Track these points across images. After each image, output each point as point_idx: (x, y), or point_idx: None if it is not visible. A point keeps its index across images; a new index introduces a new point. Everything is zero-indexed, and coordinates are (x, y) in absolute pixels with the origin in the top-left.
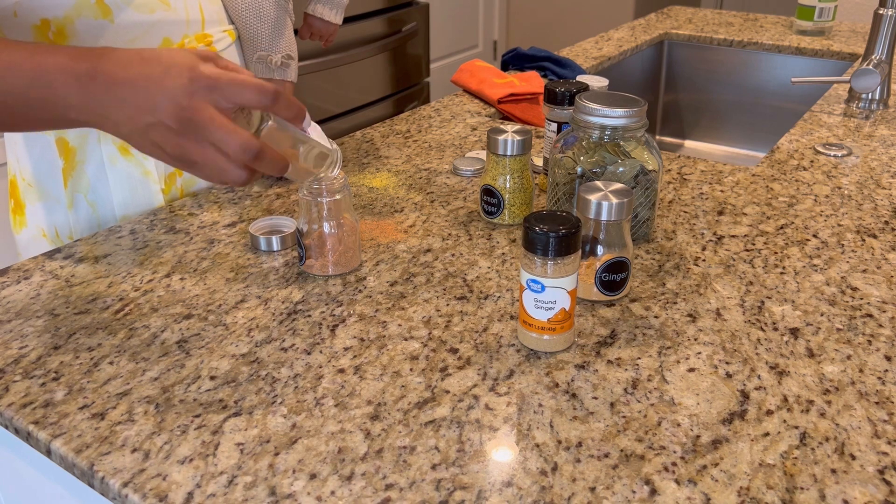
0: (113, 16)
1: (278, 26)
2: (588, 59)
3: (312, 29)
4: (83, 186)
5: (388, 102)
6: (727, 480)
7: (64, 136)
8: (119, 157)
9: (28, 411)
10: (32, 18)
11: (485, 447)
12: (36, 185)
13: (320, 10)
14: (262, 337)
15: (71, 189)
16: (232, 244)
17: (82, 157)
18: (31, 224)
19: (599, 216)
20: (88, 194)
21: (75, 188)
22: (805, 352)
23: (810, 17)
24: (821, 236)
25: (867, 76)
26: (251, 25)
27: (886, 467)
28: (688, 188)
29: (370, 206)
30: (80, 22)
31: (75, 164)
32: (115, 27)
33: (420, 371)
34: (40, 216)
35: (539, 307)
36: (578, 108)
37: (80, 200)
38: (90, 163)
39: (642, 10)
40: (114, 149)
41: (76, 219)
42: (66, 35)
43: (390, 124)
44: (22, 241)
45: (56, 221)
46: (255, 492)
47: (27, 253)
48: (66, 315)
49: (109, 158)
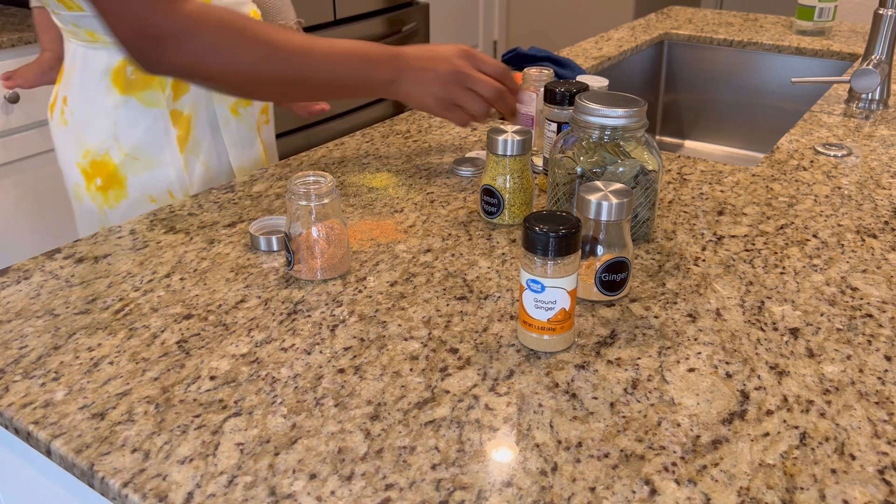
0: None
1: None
2: (588, 59)
3: None
4: (197, 149)
5: (388, 102)
6: (727, 480)
7: (178, 108)
8: (231, 117)
9: (28, 411)
10: None
11: (485, 447)
12: (144, 157)
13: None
14: (262, 337)
15: (186, 153)
16: (232, 244)
17: (195, 125)
18: (135, 195)
19: (599, 216)
20: (200, 155)
21: (190, 151)
22: (805, 352)
23: (810, 17)
24: (821, 236)
25: (867, 76)
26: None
27: (886, 467)
28: (688, 188)
29: (370, 206)
30: None
31: (189, 131)
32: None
33: (420, 371)
34: (149, 184)
35: (539, 307)
36: (578, 108)
37: (193, 162)
38: (200, 128)
39: (642, 10)
40: (227, 111)
41: (191, 179)
42: None
43: (390, 124)
44: (117, 214)
45: (171, 185)
46: (255, 492)
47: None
48: (66, 315)
49: (223, 120)
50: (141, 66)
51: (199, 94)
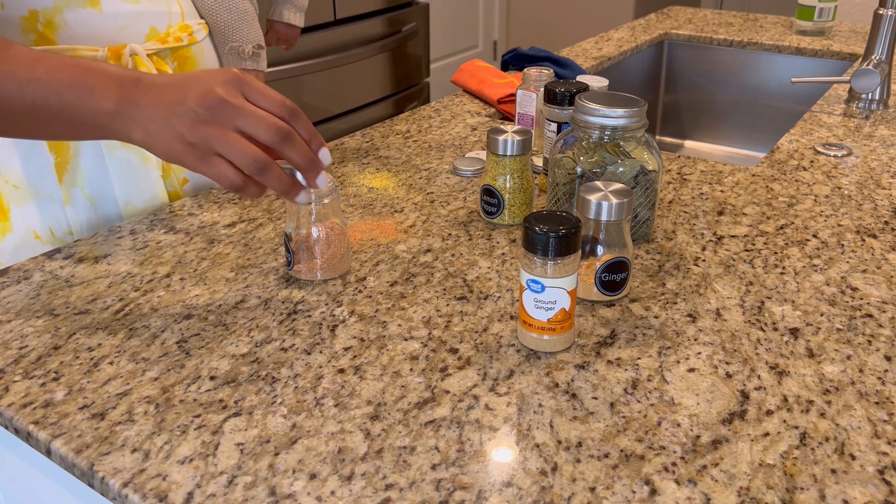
0: (101, 5)
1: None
2: (588, 59)
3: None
4: (79, 180)
5: (388, 102)
6: (727, 480)
7: None
8: (118, 145)
9: (28, 411)
10: (20, 9)
11: (485, 447)
12: (25, 186)
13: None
14: (262, 337)
15: (66, 184)
16: (232, 244)
17: (76, 150)
18: (20, 228)
19: (599, 216)
20: (85, 188)
21: (71, 182)
22: (805, 352)
23: (810, 17)
24: (821, 236)
25: (867, 76)
26: (221, 18)
27: (886, 467)
28: (688, 188)
29: (370, 206)
30: (68, 12)
31: (69, 158)
32: (104, 16)
33: (420, 371)
34: (32, 217)
35: (539, 307)
36: (578, 108)
37: (76, 195)
38: (84, 155)
39: (642, 10)
40: None
41: (75, 214)
42: (56, 25)
43: (390, 124)
44: (7, 248)
45: (51, 221)
46: (255, 492)
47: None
48: (66, 315)
49: (108, 147)
50: None
51: None
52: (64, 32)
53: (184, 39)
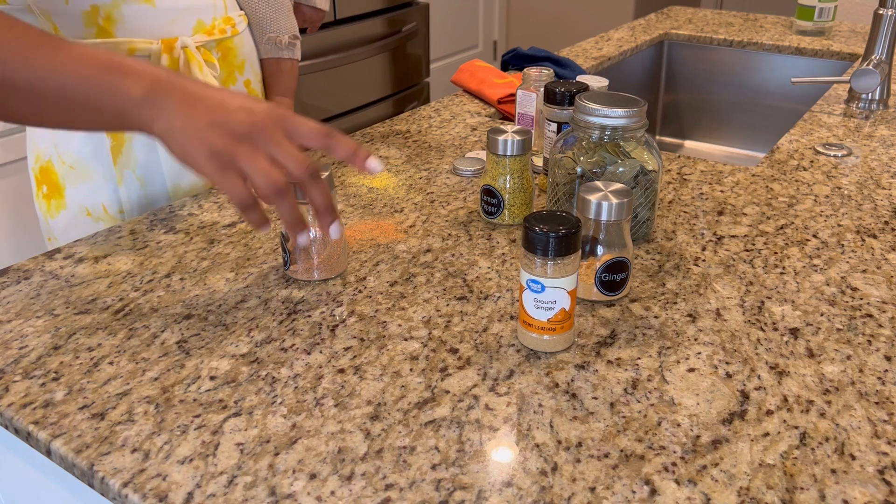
0: (155, 0)
1: (283, 9)
2: (588, 59)
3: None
4: (132, 163)
5: (388, 102)
6: (727, 480)
7: None
8: None
9: (28, 411)
10: (83, 4)
11: (485, 447)
12: (80, 167)
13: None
14: (262, 337)
15: (121, 166)
16: (232, 244)
17: (130, 135)
18: (73, 205)
19: (599, 216)
20: (137, 170)
21: (124, 165)
22: (805, 352)
23: (810, 17)
24: (821, 236)
25: (867, 76)
26: (259, 9)
27: (886, 467)
28: (688, 188)
29: (370, 206)
30: (125, 6)
31: (123, 141)
32: (157, 10)
33: (420, 371)
34: (85, 196)
35: (539, 307)
36: (578, 108)
37: (129, 176)
38: (138, 139)
39: (642, 10)
40: None
41: (126, 193)
42: (114, 20)
43: (390, 124)
44: (59, 225)
45: (104, 199)
46: (255, 492)
47: (66, 235)
48: (66, 315)
49: None
50: None
51: None
52: (122, 26)
53: (227, 31)
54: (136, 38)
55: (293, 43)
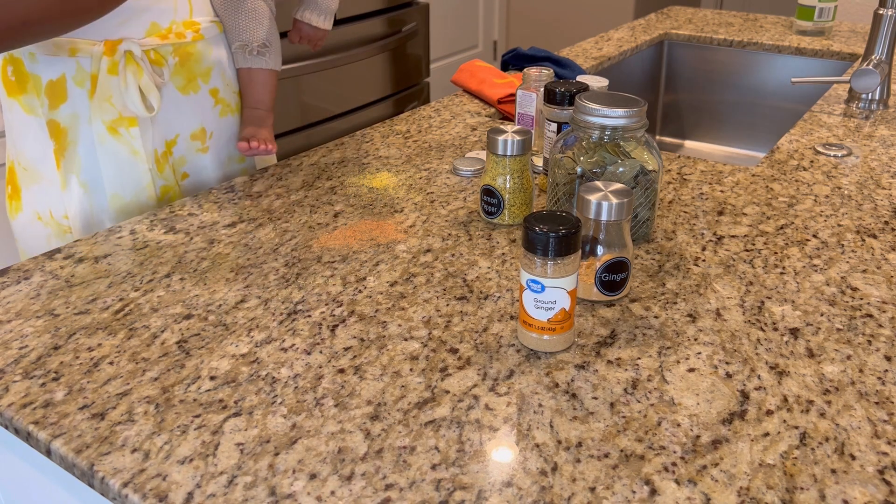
0: None
1: (255, 16)
2: (588, 59)
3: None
4: (75, 167)
5: (388, 102)
6: (727, 480)
7: (55, 118)
8: (108, 136)
9: (28, 411)
10: None
11: (485, 447)
12: (31, 169)
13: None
14: (262, 337)
15: (64, 170)
16: (232, 244)
17: (74, 138)
18: (27, 208)
19: (599, 216)
20: (81, 174)
21: (68, 169)
22: (805, 352)
23: (810, 17)
24: (821, 236)
25: (867, 76)
26: (228, 16)
27: (886, 467)
28: (688, 188)
29: (370, 206)
30: None
31: (66, 145)
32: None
33: (420, 371)
34: (35, 199)
35: (539, 307)
36: (578, 108)
37: (72, 181)
38: (82, 143)
39: (642, 10)
40: (103, 128)
41: (70, 199)
42: None
43: (390, 124)
44: (17, 226)
45: (50, 203)
46: (255, 492)
47: (22, 238)
48: (66, 315)
49: (99, 138)
50: None
51: (78, 104)
52: None
53: (187, 36)
54: (79, 39)
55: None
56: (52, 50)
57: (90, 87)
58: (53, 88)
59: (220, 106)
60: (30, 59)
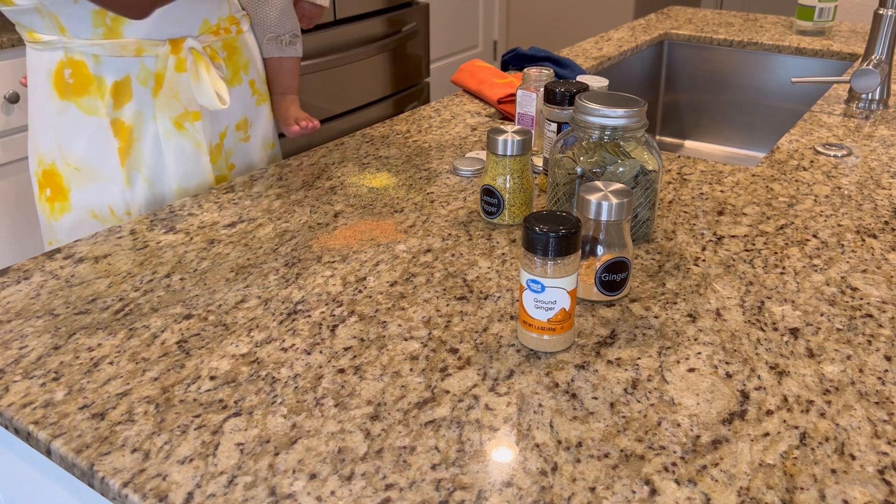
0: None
1: (284, 9)
2: (588, 59)
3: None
4: (140, 163)
5: (388, 102)
6: (727, 480)
7: (119, 118)
8: (174, 131)
9: (28, 411)
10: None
11: (485, 447)
12: (85, 168)
13: None
14: (262, 337)
15: (128, 167)
16: (232, 244)
17: (138, 136)
18: (78, 208)
19: (599, 216)
20: (144, 171)
21: (132, 166)
22: (805, 352)
23: (810, 17)
24: (821, 236)
25: (867, 76)
26: (259, 10)
27: (886, 467)
28: (688, 188)
29: (370, 206)
30: None
31: (131, 143)
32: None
33: (420, 371)
34: (91, 198)
35: (539, 307)
36: (578, 108)
37: (136, 177)
38: (145, 140)
39: (642, 10)
40: (169, 124)
41: (134, 195)
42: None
43: (390, 124)
44: (63, 227)
45: (110, 200)
46: (255, 492)
47: (71, 237)
48: (66, 315)
49: (165, 134)
50: None
51: (143, 103)
52: (129, 26)
53: (232, 31)
54: (144, 39)
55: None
56: (118, 51)
57: (154, 86)
58: (119, 89)
59: (256, 96)
60: (94, 62)
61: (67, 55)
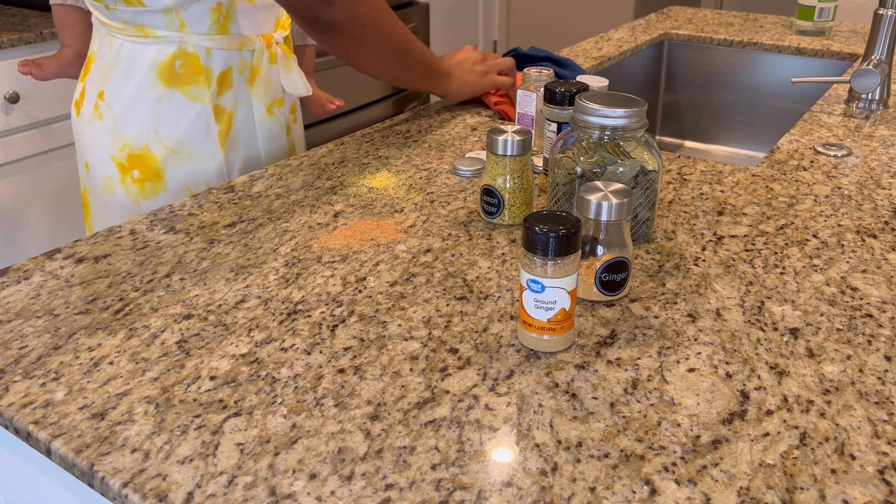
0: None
1: None
2: (588, 59)
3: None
4: (237, 144)
5: (388, 102)
6: (727, 480)
7: (220, 104)
8: (266, 116)
9: (28, 411)
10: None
11: (485, 447)
12: (184, 150)
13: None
14: (262, 337)
15: (227, 148)
16: (232, 244)
17: (235, 120)
18: (173, 187)
19: (599, 216)
20: (240, 150)
21: (230, 147)
22: (805, 352)
23: (810, 17)
24: (821, 236)
25: (867, 76)
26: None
27: (886, 467)
28: (688, 188)
29: (370, 206)
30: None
31: (230, 126)
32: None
33: (420, 371)
34: (188, 177)
35: (539, 307)
36: (578, 108)
37: (233, 157)
38: (240, 123)
39: (642, 10)
40: (263, 110)
41: (228, 173)
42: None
43: (390, 124)
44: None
45: (208, 178)
46: (255, 492)
47: None
48: (66, 315)
49: (259, 118)
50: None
51: (240, 91)
52: (234, 23)
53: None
54: (248, 35)
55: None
56: (225, 45)
57: (249, 76)
58: (223, 78)
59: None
60: (206, 54)
61: (181, 48)
